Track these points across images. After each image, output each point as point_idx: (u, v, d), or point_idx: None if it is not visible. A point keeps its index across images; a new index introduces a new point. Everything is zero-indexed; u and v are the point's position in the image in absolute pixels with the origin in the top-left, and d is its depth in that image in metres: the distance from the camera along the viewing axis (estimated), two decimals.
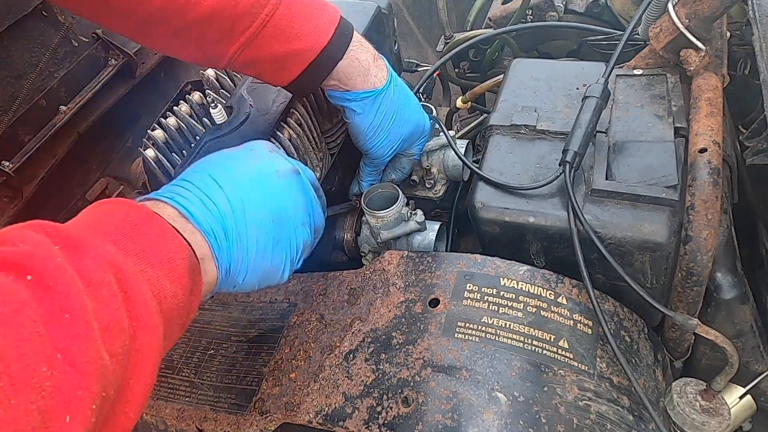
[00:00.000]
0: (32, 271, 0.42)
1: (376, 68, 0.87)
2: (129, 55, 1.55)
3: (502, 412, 0.71)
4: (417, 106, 0.96)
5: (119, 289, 0.48)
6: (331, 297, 0.90)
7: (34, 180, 1.39)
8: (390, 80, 0.89)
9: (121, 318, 0.47)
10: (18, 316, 0.39)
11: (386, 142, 0.93)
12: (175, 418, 0.86)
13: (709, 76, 0.91)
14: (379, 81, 0.87)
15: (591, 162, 0.87)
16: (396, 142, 0.94)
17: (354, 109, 0.88)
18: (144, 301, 0.50)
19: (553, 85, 1.02)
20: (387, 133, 0.92)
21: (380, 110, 0.89)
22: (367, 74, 0.86)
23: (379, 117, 0.89)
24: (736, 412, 0.89)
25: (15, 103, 1.32)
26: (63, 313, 0.42)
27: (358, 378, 0.78)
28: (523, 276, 0.83)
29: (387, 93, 0.89)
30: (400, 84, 0.93)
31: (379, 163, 0.98)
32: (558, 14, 1.47)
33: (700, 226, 0.77)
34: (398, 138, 0.93)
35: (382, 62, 0.89)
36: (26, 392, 0.37)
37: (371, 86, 0.87)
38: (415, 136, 0.97)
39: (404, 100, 0.92)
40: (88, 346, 0.42)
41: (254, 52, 0.79)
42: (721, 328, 0.81)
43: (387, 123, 0.91)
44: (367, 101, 0.88)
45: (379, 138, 0.92)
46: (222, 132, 0.90)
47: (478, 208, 0.88)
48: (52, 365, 0.39)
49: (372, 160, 0.97)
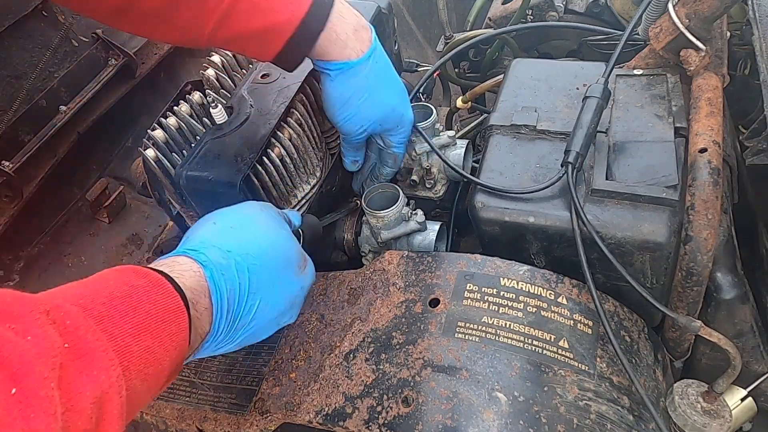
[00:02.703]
0: (21, 387, 0.41)
1: (356, 40, 0.84)
2: (129, 55, 1.55)
3: (502, 412, 0.71)
4: (398, 91, 0.93)
5: (96, 420, 0.47)
6: (331, 297, 0.90)
7: (34, 180, 1.39)
8: (369, 56, 0.86)
9: None
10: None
11: (355, 119, 0.89)
12: (175, 418, 0.86)
13: (709, 76, 0.91)
14: (354, 54, 0.85)
15: (591, 162, 0.87)
16: (367, 122, 0.90)
17: (325, 77, 0.87)
18: None
19: (553, 85, 1.02)
20: (356, 109, 0.88)
21: (351, 84, 0.86)
22: (345, 47, 0.84)
23: (349, 91, 0.87)
24: (737, 414, 0.88)
25: (15, 103, 1.32)
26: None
27: (358, 378, 0.78)
28: (523, 276, 0.83)
29: (362, 68, 0.86)
30: (383, 64, 0.89)
31: (353, 141, 0.95)
32: (558, 14, 1.47)
33: (700, 226, 0.77)
34: (369, 118, 0.90)
35: (366, 35, 0.86)
36: None
37: (347, 57, 0.84)
38: (391, 122, 0.93)
39: (383, 80, 0.89)
40: None
41: (232, 29, 0.78)
42: (721, 328, 0.81)
43: (357, 99, 0.87)
44: (337, 72, 0.85)
45: (347, 113, 0.89)
46: (222, 132, 0.90)
47: (478, 208, 0.88)
48: None
49: (344, 137, 0.95)
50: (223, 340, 0.66)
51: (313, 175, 0.97)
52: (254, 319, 0.68)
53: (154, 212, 1.63)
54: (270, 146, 0.89)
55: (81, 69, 1.48)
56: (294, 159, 0.92)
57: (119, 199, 1.61)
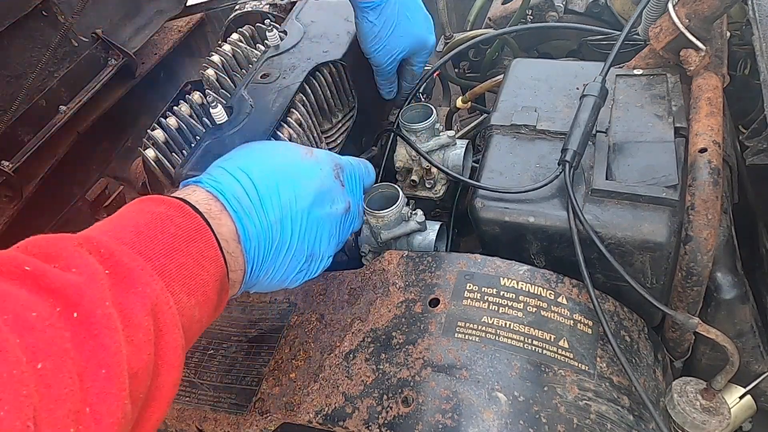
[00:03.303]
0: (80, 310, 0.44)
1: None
2: (129, 55, 1.55)
3: (502, 411, 0.71)
4: (422, 20, 1.05)
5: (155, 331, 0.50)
6: (331, 297, 0.90)
7: (34, 180, 1.39)
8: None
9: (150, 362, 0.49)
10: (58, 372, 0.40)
11: (384, 50, 1.02)
12: (175, 418, 0.86)
13: (709, 76, 0.91)
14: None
15: (591, 162, 0.87)
16: (395, 52, 1.03)
17: (358, 12, 1.00)
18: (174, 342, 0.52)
19: (553, 85, 1.02)
20: (384, 42, 1.01)
21: (379, 19, 0.99)
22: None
23: (377, 27, 0.99)
24: (737, 412, 0.88)
25: (15, 103, 1.32)
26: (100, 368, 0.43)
27: (358, 378, 0.78)
28: (523, 276, 0.83)
29: (387, 5, 0.98)
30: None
31: (384, 72, 1.07)
32: (558, 14, 1.47)
33: (700, 226, 0.77)
34: (397, 48, 1.03)
35: None
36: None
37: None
38: (416, 48, 1.06)
39: (408, 12, 1.02)
40: (116, 402, 0.44)
41: None
42: (721, 328, 0.81)
43: (386, 32, 1.00)
44: (367, 10, 0.98)
45: (377, 46, 1.02)
46: (222, 132, 0.90)
47: (478, 208, 0.88)
48: (80, 420, 0.41)
49: (376, 67, 1.07)
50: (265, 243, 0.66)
51: None
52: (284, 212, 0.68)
53: None
54: None
55: (81, 69, 1.48)
56: None
57: (119, 199, 1.61)
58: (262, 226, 0.66)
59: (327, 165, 0.76)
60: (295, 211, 0.69)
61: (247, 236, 0.64)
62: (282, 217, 0.68)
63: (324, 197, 0.73)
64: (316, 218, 0.72)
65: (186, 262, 0.56)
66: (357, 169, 0.83)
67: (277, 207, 0.68)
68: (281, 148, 0.76)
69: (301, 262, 0.72)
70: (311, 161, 0.74)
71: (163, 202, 0.60)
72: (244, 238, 0.64)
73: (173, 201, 0.60)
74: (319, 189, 0.73)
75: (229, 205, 0.64)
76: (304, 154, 0.75)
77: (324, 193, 0.73)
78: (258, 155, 0.72)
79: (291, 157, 0.74)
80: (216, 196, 0.64)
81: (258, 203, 0.66)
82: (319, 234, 0.73)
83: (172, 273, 0.54)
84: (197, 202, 0.62)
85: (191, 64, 1.89)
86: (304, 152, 0.75)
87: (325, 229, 0.74)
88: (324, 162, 0.76)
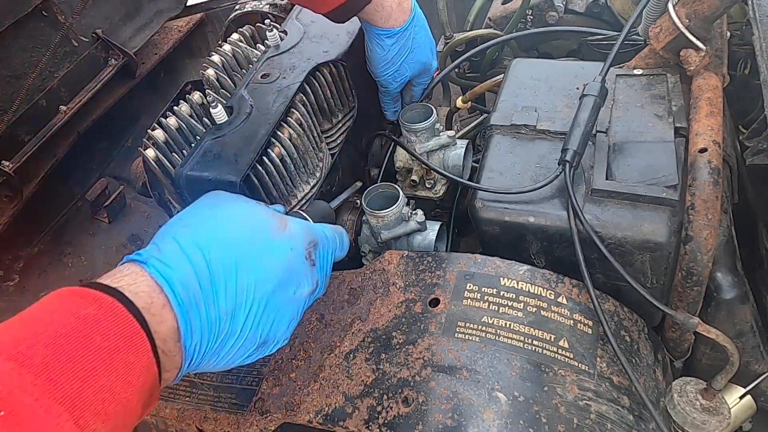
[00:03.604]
0: None
1: (399, 12, 1.00)
2: (129, 55, 1.55)
3: (502, 411, 0.71)
4: (430, 48, 1.09)
5: None
6: (331, 297, 0.90)
7: (34, 180, 1.39)
8: (409, 23, 1.01)
9: None
10: None
11: (395, 75, 1.07)
12: (175, 418, 0.86)
13: (709, 76, 0.91)
14: (398, 23, 1.00)
15: (591, 162, 0.87)
16: (404, 77, 1.08)
17: (372, 40, 1.03)
18: None
19: (553, 85, 1.02)
20: (396, 67, 1.06)
21: (394, 48, 1.03)
22: (389, 17, 0.99)
23: (392, 53, 1.04)
24: (737, 412, 0.88)
25: (15, 103, 1.32)
26: None
27: (358, 378, 0.78)
28: (523, 276, 0.83)
29: (403, 35, 1.02)
30: (421, 27, 1.05)
31: (392, 92, 1.11)
32: (558, 14, 1.47)
33: (700, 225, 0.77)
34: (406, 73, 1.08)
35: (407, 5, 1.01)
36: None
37: (391, 26, 1.00)
38: (421, 72, 1.11)
39: (420, 41, 1.05)
40: None
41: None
42: (722, 328, 0.81)
43: (399, 59, 1.05)
44: (383, 38, 1.02)
45: (389, 70, 1.06)
46: (222, 132, 0.90)
47: (478, 208, 0.88)
48: None
49: (383, 88, 1.11)
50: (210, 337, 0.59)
51: (313, 175, 0.97)
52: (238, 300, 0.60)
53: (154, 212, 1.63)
54: (270, 146, 0.89)
55: (81, 69, 1.48)
56: (294, 159, 0.92)
57: (119, 199, 1.61)
58: (209, 319, 0.58)
59: (300, 243, 0.68)
60: (252, 298, 0.61)
61: (190, 332, 0.57)
62: (235, 307, 0.60)
63: (289, 281, 0.65)
64: (276, 304, 0.64)
65: (106, 384, 0.49)
66: (331, 243, 0.74)
67: (231, 295, 0.60)
68: (251, 217, 0.67)
69: (251, 349, 0.64)
70: (282, 238, 0.66)
71: (94, 300, 0.52)
72: (185, 335, 0.57)
73: (105, 300, 0.52)
74: (286, 271, 0.65)
75: (174, 297, 0.56)
76: (275, 229, 0.66)
77: (290, 276, 0.65)
78: (221, 224, 0.64)
79: (259, 232, 0.65)
80: (161, 286, 0.56)
81: (210, 291, 0.58)
82: (277, 320, 0.65)
83: (86, 401, 0.47)
84: (137, 294, 0.55)
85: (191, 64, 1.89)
86: (276, 226, 0.67)
87: (286, 314, 0.66)
88: (297, 239, 0.68)
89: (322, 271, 0.72)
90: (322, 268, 0.72)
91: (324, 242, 0.73)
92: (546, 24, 1.48)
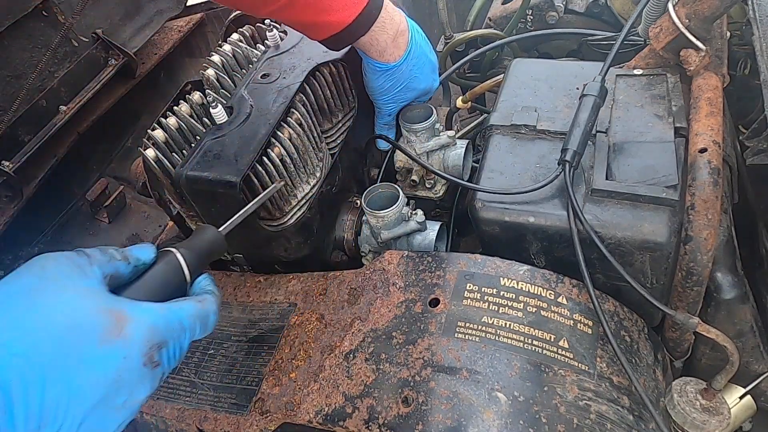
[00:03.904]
0: None
1: (393, 47, 0.97)
2: (129, 55, 1.55)
3: (502, 411, 0.71)
4: (427, 74, 1.06)
5: None
6: (331, 297, 0.90)
7: (34, 180, 1.39)
8: (405, 58, 0.99)
9: None
10: None
11: (391, 102, 1.06)
12: (175, 418, 0.86)
13: (709, 76, 0.91)
14: (393, 58, 0.98)
15: (591, 162, 0.87)
16: (401, 103, 1.07)
17: (368, 72, 1.02)
18: None
19: (553, 85, 1.02)
20: (393, 96, 1.05)
21: (390, 79, 1.02)
22: (383, 52, 0.97)
23: (387, 84, 1.02)
24: (736, 412, 0.89)
25: (15, 103, 1.32)
26: None
27: (358, 378, 0.78)
28: (523, 276, 0.83)
29: (398, 69, 1.00)
30: (418, 58, 1.02)
31: (385, 116, 1.10)
32: (558, 14, 1.47)
33: (700, 226, 0.77)
34: (403, 100, 1.07)
35: (403, 40, 0.98)
36: None
37: (385, 61, 0.98)
38: (419, 98, 1.10)
39: (416, 72, 1.03)
40: None
41: (285, 16, 0.91)
42: (721, 328, 0.81)
43: (395, 90, 1.04)
44: (377, 71, 1.00)
45: (385, 99, 1.05)
46: (222, 132, 0.90)
47: (478, 208, 0.88)
48: None
49: (379, 112, 1.10)
50: None
51: (313, 175, 0.97)
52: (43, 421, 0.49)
53: (154, 212, 1.63)
54: (270, 146, 0.89)
55: (81, 69, 1.48)
56: (294, 159, 0.92)
57: (119, 199, 1.61)
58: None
59: (137, 349, 0.56)
60: (63, 416, 0.51)
61: None
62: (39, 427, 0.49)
63: (119, 391, 0.55)
64: (100, 416, 0.54)
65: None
66: (189, 332, 0.61)
67: (35, 416, 0.49)
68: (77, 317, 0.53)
69: None
70: (113, 347, 0.54)
71: None
72: None
73: None
74: (113, 384, 0.54)
75: None
76: (105, 336, 0.54)
77: (119, 388, 0.55)
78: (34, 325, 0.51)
79: (83, 339, 0.53)
80: None
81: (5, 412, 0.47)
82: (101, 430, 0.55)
83: None
84: None
85: (191, 64, 1.89)
86: (108, 331, 0.54)
87: (113, 424, 0.56)
88: (134, 345, 0.55)
89: (171, 363, 0.60)
90: (173, 360, 0.60)
91: (176, 336, 0.60)
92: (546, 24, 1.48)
